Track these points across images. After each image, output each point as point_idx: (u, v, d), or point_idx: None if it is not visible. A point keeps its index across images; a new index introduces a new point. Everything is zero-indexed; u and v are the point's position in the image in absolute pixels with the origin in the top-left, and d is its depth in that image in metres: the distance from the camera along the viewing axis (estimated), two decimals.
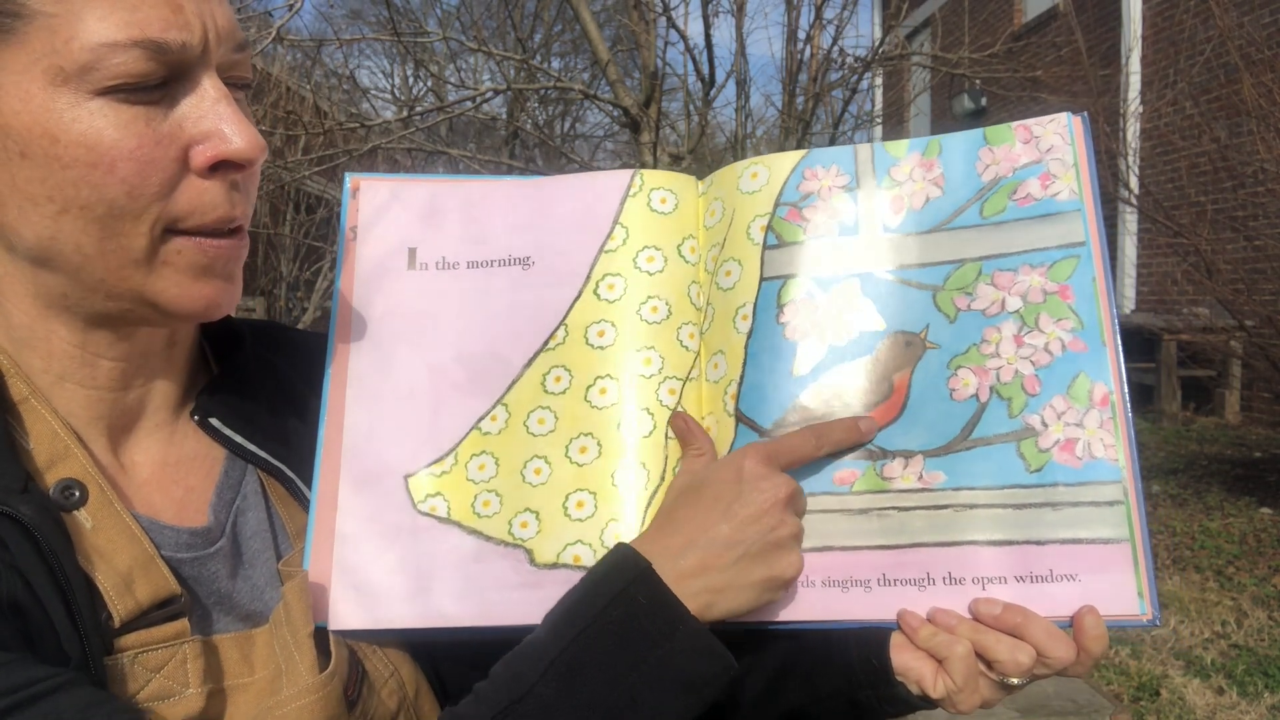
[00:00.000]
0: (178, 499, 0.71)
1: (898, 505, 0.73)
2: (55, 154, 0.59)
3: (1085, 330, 0.74)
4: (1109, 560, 0.70)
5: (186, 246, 0.63)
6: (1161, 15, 7.84)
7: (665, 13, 4.75)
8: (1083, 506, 0.71)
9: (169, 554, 0.67)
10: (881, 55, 4.99)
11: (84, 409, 0.68)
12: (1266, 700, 2.99)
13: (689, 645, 0.65)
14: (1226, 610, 3.64)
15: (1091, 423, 0.72)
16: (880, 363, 0.76)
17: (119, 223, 0.61)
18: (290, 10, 3.25)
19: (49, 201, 0.60)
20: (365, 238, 0.81)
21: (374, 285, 0.80)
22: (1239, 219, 5.81)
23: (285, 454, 0.76)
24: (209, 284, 0.65)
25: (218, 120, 0.62)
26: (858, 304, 0.77)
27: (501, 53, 5.69)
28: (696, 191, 0.83)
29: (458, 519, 0.75)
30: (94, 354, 0.67)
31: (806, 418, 0.75)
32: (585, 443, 0.76)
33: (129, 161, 0.59)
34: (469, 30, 8.61)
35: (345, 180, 0.80)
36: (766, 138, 8.06)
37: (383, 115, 5.37)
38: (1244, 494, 5.06)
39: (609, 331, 0.78)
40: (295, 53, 5.06)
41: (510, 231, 0.81)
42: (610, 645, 0.64)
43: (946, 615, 0.71)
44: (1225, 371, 6.92)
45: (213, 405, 0.74)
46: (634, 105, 4.42)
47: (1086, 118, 0.79)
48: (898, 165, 0.79)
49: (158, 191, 0.61)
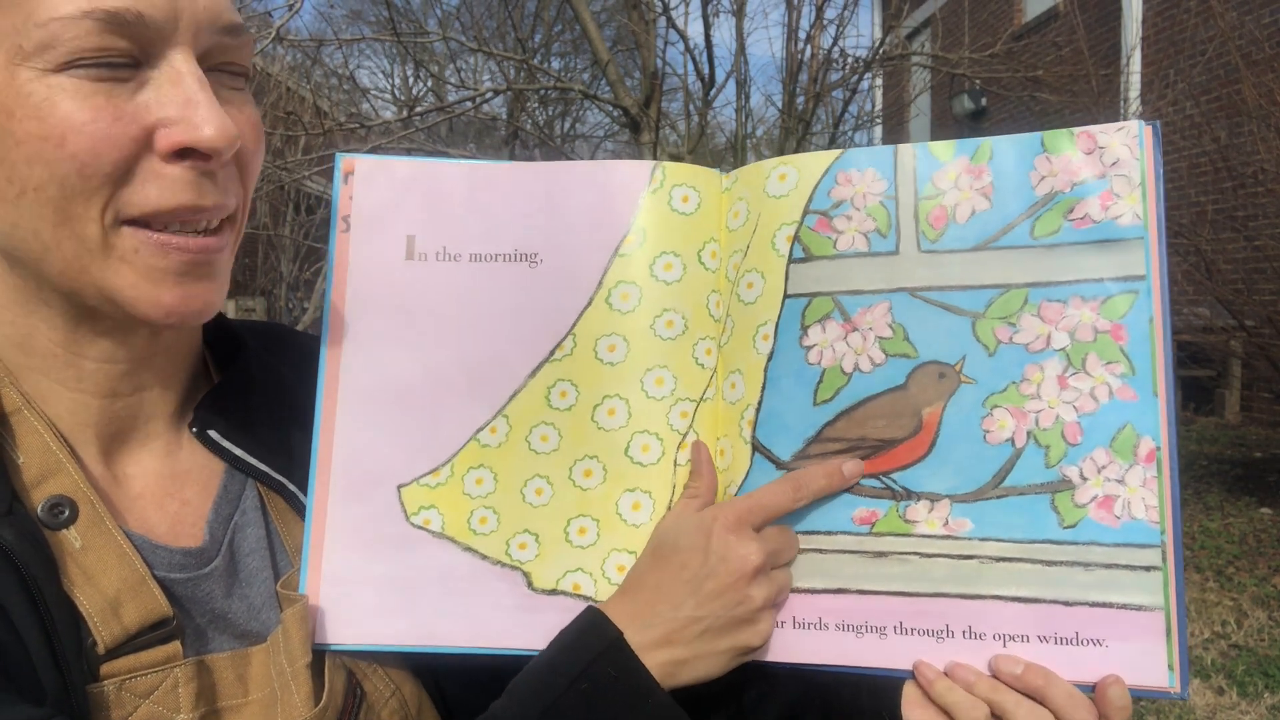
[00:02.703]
0: (173, 514, 0.68)
1: (920, 551, 0.70)
2: (10, 129, 0.57)
3: (1136, 377, 0.67)
4: (1141, 628, 0.66)
5: (144, 245, 0.59)
6: (1161, 15, 7.84)
7: (665, 13, 4.75)
8: (1117, 569, 0.66)
9: (162, 574, 0.65)
10: (881, 55, 4.99)
11: (71, 414, 0.65)
12: (1266, 700, 2.98)
13: (658, 717, 0.65)
14: (1226, 610, 3.64)
15: (1134, 480, 0.67)
16: (910, 395, 0.70)
17: (71, 204, 0.58)
18: (290, 10, 3.25)
19: (8, 184, 0.58)
20: (359, 224, 0.74)
21: (368, 276, 0.74)
22: (1239, 219, 5.81)
23: (287, 467, 0.73)
24: (174, 289, 0.61)
25: (188, 104, 0.58)
26: (889, 329, 0.71)
27: (501, 53, 5.69)
28: (720, 187, 0.76)
29: (452, 534, 0.72)
30: (77, 354, 0.65)
31: (826, 451, 0.71)
32: (590, 465, 0.72)
33: (79, 135, 0.56)
34: (469, 30, 8.60)
35: (336, 162, 0.74)
36: (767, 138, 8.05)
37: (383, 115, 5.37)
38: (1244, 494, 5.06)
39: (620, 347, 0.73)
40: (295, 53, 5.06)
41: (518, 223, 0.74)
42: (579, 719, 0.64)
43: (965, 670, 0.68)
44: (1225, 371, 6.92)
45: (212, 417, 0.71)
46: (634, 105, 4.42)
47: (1158, 128, 0.69)
48: (942, 170, 0.71)
49: (110, 172, 0.58)
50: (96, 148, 0.57)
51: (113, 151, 0.57)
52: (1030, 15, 10.15)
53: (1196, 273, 5.61)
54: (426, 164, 0.76)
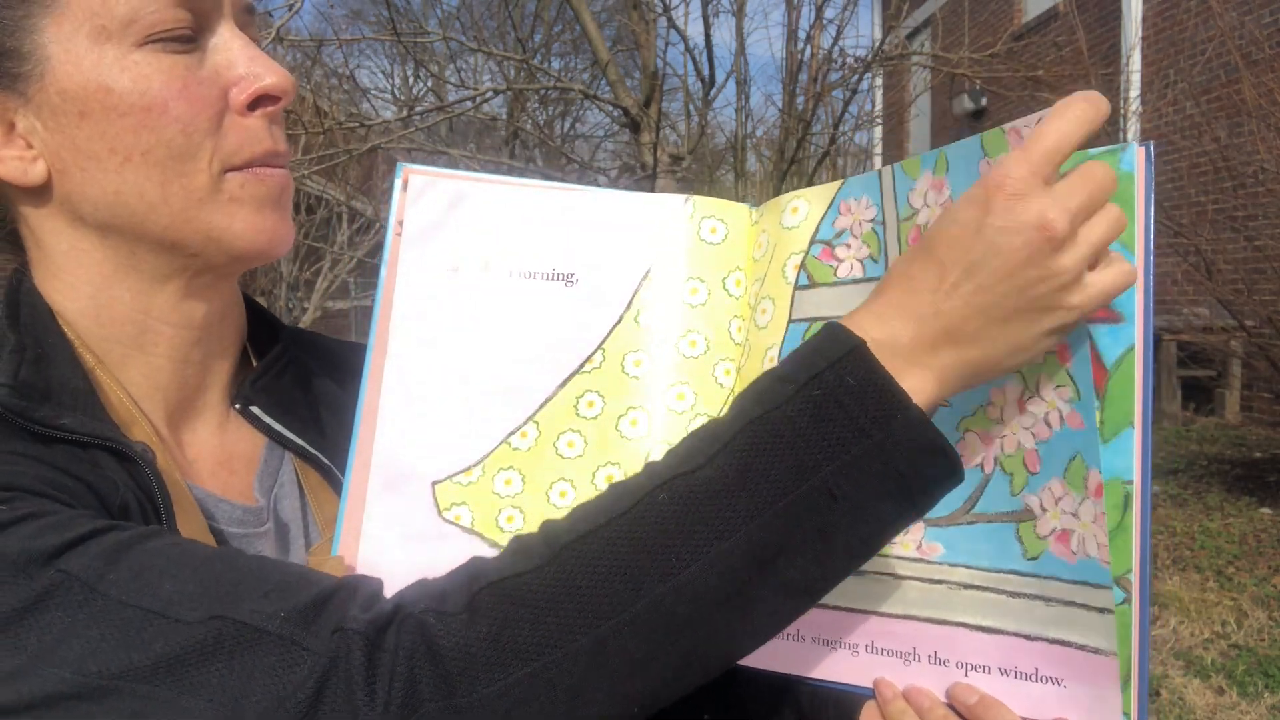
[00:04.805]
0: (224, 481, 0.74)
1: (895, 572, 0.70)
2: (111, 104, 0.63)
3: (1081, 402, 0.61)
4: (1097, 671, 0.62)
5: (248, 180, 0.68)
6: (1161, 15, 7.84)
7: (665, 13, 4.76)
8: (1075, 607, 0.62)
9: (222, 527, 0.69)
10: (882, 55, 4.99)
11: (145, 379, 0.71)
12: (1266, 700, 2.99)
13: (906, 437, 0.55)
14: (1226, 610, 3.64)
15: (1086, 515, 0.61)
16: None
17: (179, 163, 0.65)
18: (290, 10, 3.25)
19: (111, 154, 0.64)
20: (411, 232, 0.79)
21: (416, 282, 0.78)
22: (1239, 219, 5.81)
23: (321, 443, 0.78)
24: (272, 215, 0.69)
25: (248, 61, 0.67)
26: None
27: (501, 53, 5.70)
28: (749, 220, 0.80)
29: (480, 530, 0.75)
30: (157, 320, 0.70)
31: None
32: (612, 471, 0.76)
33: (179, 101, 0.64)
34: (469, 30, 8.61)
35: (397, 171, 0.80)
36: (766, 138, 8.05)
37: (383, 115, 5.37)
38: (1244, 494, 5.06)
39: (645, 361, 0.77)
40: (295, 53, 5.06)
41: (558, 245, 0.78)
42: (804, 428, 0.54)
43: (922, 696, 0.68)
44: (1225, 371, 6.92)
45: (253, 394, 0.77)
46: (634, 105, 4.42)
47: (1151, 149, 0.61)
48: (914, 189, 0.69)
49: (208, 128, 0.66)
50: (194, 110, 0.65)
51: (207, 110, 0.66)
52: (1030, 15, 10.15)
53: (1196, 273, 5.61)
54: (478, 182, 0.80)
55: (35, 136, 0.65)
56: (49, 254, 0.69)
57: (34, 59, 0.63)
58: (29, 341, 0.65)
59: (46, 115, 0.64)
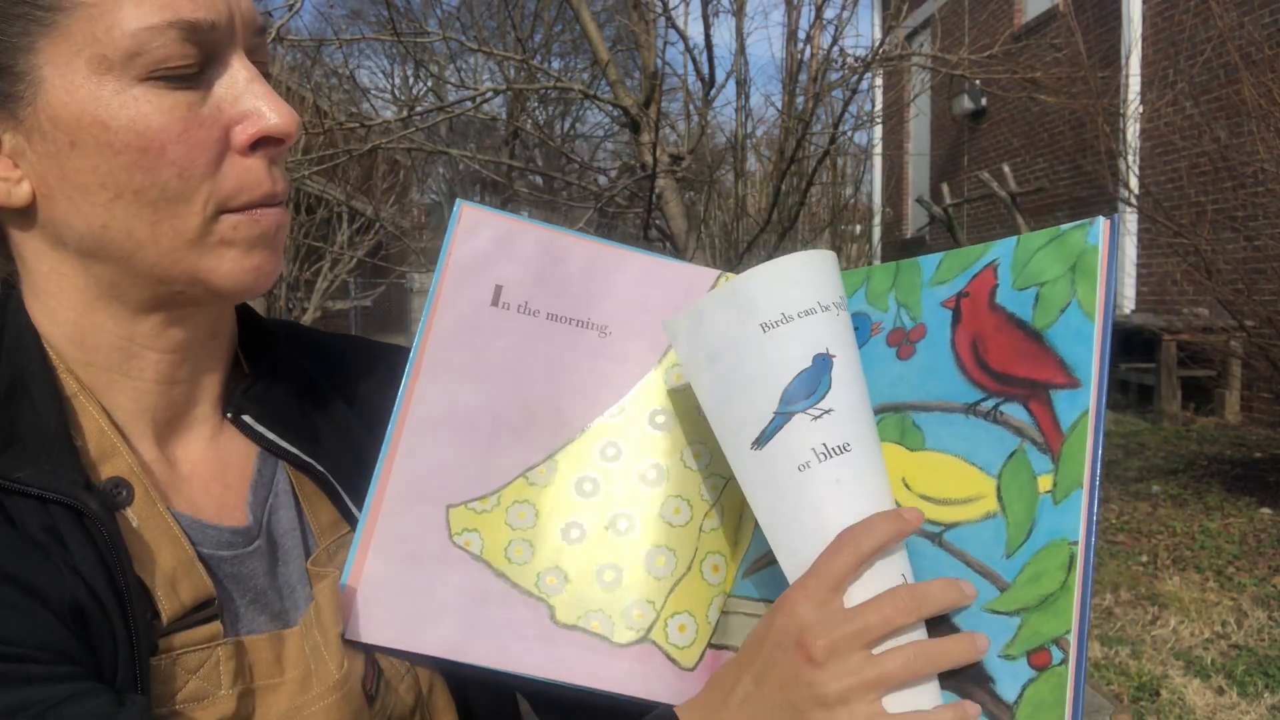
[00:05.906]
0: (217, 496, 0.72)
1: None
2: (106, 140, 0.60)
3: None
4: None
5: (242, 222, 0.65)
6: (1161, 15, 7.85)
7: (665, 13, 4.75)
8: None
9: (209, 551, 0.68)
10: (881, 55, 4.99)
11: (131, 402, 0.69)
12: (1266, 700, 2.99)
13: None
14: (1226, 610, 3.64)
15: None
16: None
17: (172, 205, 0.62)
18: (290, 10, 3.25)
19: (101, 189, 0.61)
20: (458, 264, 0.81)
21: (457, 313, 0.80)
22: (1239, 219, 5.81)
23: (315, 450, 0.77)
24: (261, 254, 0.67)
25: (254, 99, 0.64)
26: None
27: (501, 53, 5.69)
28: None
29: (488, 559, 0.76)
30: (141, 345, 0.68)
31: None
32: (624, 518, 0.78)
33: (178, 144, 0.61)
34: (469, 30, 8.61)
35: (456, 206, 0.83)
36: (766, 138, 8.05)
37: (383, 115, 5.37)
38: (1244, 494, 5.06)
39: (669, 420, 0.81)
40: (295, 53, 5.05)
41: (596, 298, 0.82)
42: None
43: None
44: (1225, 371, 6.92)
45: (245, 403, 0.75)
46: (634, 105, 4.42)
47: (1118, 222, 0.67)
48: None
49: (205, 171, 0.63)
50: (192, 154, 0.62)
51: (206, 154, 0.63)
52: (1029, 16, 10.16)
53: (1196, 273, 5.61)
54: (527, 226, 0.82)
55: (23, 158, 0.62)
56: (31, 274, 0.67)
57: (27, 80, 0.60)
58: (4, 373, 0.63)
59: (36, 139, 0.61)
